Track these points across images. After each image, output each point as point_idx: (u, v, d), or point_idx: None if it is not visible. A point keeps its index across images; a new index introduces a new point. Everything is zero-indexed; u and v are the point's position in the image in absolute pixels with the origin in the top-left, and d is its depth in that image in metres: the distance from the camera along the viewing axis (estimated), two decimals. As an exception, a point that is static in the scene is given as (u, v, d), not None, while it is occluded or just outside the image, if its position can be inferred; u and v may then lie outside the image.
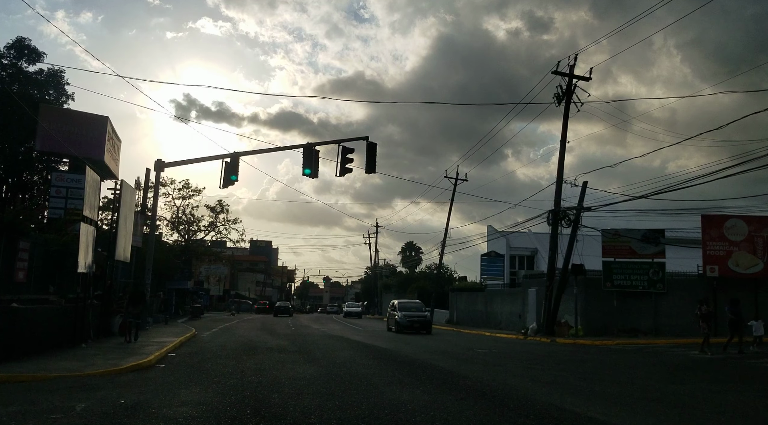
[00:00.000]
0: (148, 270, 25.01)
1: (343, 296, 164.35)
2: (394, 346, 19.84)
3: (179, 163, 25.48)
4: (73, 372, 11.40)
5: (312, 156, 21.39)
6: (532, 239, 47.39)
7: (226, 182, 23.50)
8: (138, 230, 24.33)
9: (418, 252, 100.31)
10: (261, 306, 75.45)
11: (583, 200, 26.28)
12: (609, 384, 11.27)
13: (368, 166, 21.11)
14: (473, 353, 17.95)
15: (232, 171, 23.22)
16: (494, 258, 41.26)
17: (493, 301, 36.72)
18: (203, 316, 48.78)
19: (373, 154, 20.97)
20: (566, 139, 26.81)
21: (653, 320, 25.44)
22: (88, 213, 16.06)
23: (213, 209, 51.51)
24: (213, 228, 51.82)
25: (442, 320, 43.28)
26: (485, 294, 38.17)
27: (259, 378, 11.01)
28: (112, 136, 26.53)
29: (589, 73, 26.55)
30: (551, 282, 26.21)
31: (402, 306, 30.24)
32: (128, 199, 20.22)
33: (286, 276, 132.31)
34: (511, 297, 34.40)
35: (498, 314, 35.64)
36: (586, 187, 26.27)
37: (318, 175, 21.62)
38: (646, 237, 25.80)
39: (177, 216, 49.50)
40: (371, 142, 21.10)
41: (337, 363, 14.11)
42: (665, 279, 25.38)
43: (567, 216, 26.12)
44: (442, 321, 42.56)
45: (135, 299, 18.83)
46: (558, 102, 27.14)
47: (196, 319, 43.82)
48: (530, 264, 46.79)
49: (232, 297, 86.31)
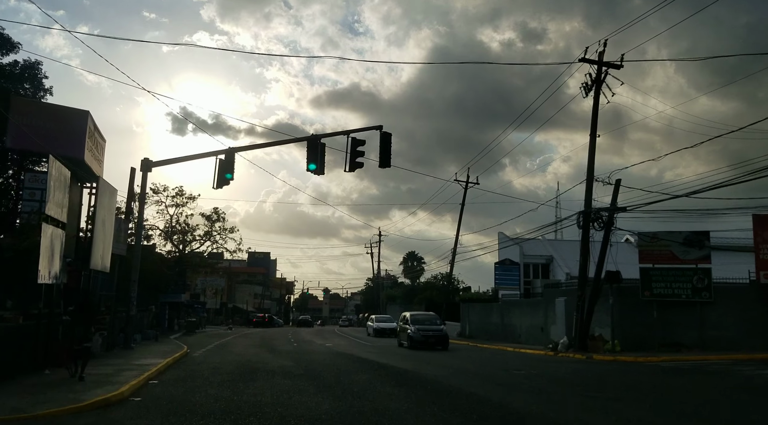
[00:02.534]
0: (134, 282, 22.37)
1: (342, 308, 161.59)
2: (415, 367, 17.16)
3: (168, 162, 22.92)
4: (20, 413, 8.74)
5: (317, 149, 18.84)
6: (546, 246, 44.83)
7: (221, 181, 20.95)
8: (122, 237, 21.69)
9: (420, 262, 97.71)
10: (259, 319, 72.50)
11: (616, 200, 23.72)
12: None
13: (382, 159, 18.55)
14: (511, 375, 15.27)
15: (227, 168, 20.67)
16: (509, 266, 38.61)
17: (510, 313, 34.03)
18: (199, 331, 45.99)
19: (387, 145, 18.44)
20: (596, 132, 24.30)
21: (698, 333, 22.78)
22: (53, 213, 13.44)
23: (209, 218, 48.86)
24: (208, 238, 49.16)
25: (453, 333, 40.43)
26: (501, 306, 35.48)
27: (260, 421, 8.36)
28: (94, 133, 23.88)
29: (620, 60, 24.10)
30: (583, 291, 23.58)
31: (415, 319, 27.54)
32: (107, 200, 17.63)
33: (285, 288, 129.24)
34: (531, 308, 31.73)
35: (516, 327, 32.94)
36: (619, 185, 23.72)
37: (324, 170, 19.07)
38: (689, 241, 23.20)
39: (170, 226, 46.81)
40: (385, 132, 18.58)
41: (354, 391, 11.46)
42: (711, 286, 22.76)
43: (600, 218, 23.53)
44: (453, 335, 39.69)
45: (81, 314, 12.90)
46: (586, 92, 24.67)
47: (190, 335, 41.06)
48: (545, 273, 44.13)
49: (229, 312, 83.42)
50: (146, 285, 39.04)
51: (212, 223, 48.81)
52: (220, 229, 49.16)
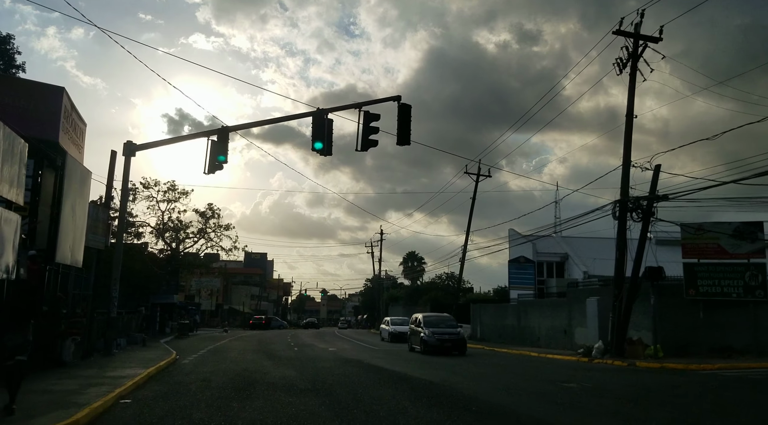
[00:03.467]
0: (115, 281, 19.75)
1: (340, 309, 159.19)
2: (441, 378, 14.60)
3: (153, 145, 20.32)
4: None
5: (324, 125, 16.27)
6: (561, 244, 42.34)
7: (213, 166, 18.39)
8: (100, 228, 19.07)
9: (421, 262, 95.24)
10: (256, 321, 69.72)
11: (656, 187, 21.21)
12: None
13: (401, 135, 15.99)
14: (564, 390, 12.70)
15: (220, 150, 18.12)
16: (524, 264, 36.05)
17: (528, 314, 31.49)
18: (192, 334, 43.34)
19: (407, 119, 15.89)
20: (633, 112, 21.81)
21: (752, 336, 20.28)
22: (3, 191, 10.84)
23: (203, 214, 46.18)
24: (202, 235, 46.44)
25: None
26: (518, 307, 32.93)
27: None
28: (72, 114, 21.20)
29: (659, 33, 21.60)
30: (621, 290, 21.05)
31: (428, 321, 24.96)
32: (77, 183, 15.02)
33: (282, 290, 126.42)
34: (552, 309, 29.19)
35: (535, 329, 30.41)
36: (659, 171, 21.23)
37: (331, 150, 16.47)
38: (739, 232, 20.69)
39: (162, 222, 44.13)
40: (404, 103, 16.02)
41: (381, 416, 8.91)
42: (767, 284, 20.27)
43: (639, 208, 21.02)
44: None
45: (14, 319, 8.55)
46: (620, 68, 22.19)
47: (183, 338, 38.41)
48: (560, 271, 41.64)
49: (225, 314, 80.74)
50: (135, 285, 36.44)
51: (206, 220, 46.18)
52: (215, 226, 46.52)
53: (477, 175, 36.81)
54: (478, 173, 36.78)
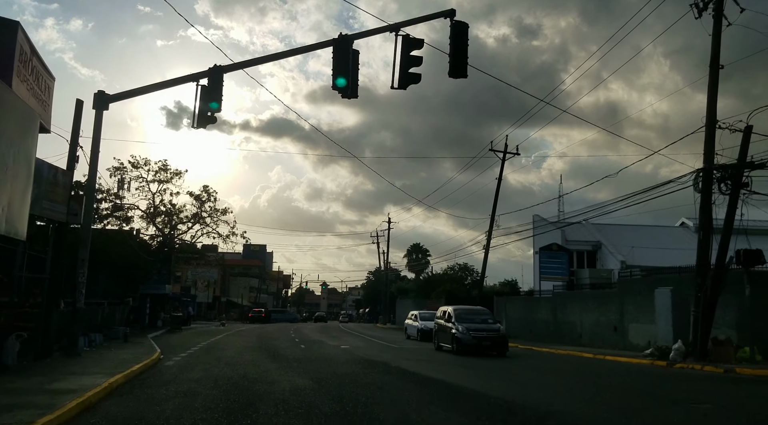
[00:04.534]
0: (82, 263, 15.86)
1: (341, 303, 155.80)
2: (502, 389, 10.76)
3: (131, 94, 16.36)
4: None
5: (348, 57, 12.33)
6: (592, 231, 38.44)
7: (203, 118, 14.54)
8: (59, 193, 15.16)
9: (426, 254, 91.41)
10: (256, 314, 65.95)
11: (746, 153, 17.31)
12: None
13: (454, 67, 12.02)
14: (695, 413, 8.84)
15: (211, 96, 14.24)
16: (557, 252, 32.15)
17: (566, 308, 27.66)
18: (186, 328, 39.53)
19: (463, 42, 11.96)
20: (719, 61, 17.90)
21: None
22: None
23: (198, 197, 42.14)
24: (197, 220, 42.46)
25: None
26: (553, 299, 29.08)
27: None
28: (32, 59, 17.17)
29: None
30: (705, 279, 17.15)
31: (461, 315, 21.08)
32: (13, 123, 11.07)
33: (282, 282, 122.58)
34: (598, 302, 25.35)
35: (575, 325, 26.58)
36: (750, 134, 17.31)
37: (357, 91, 12.53)
38: None
39: (153, 205, 40.17)
40: (459, 21, 12.10)
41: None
42: None
43: (729, 178, 17.10)
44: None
45: None
46: (698, 12, 18.27)
47: (175, 332, 34.67)
48: (591, 261, 37.75)
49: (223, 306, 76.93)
50: (120, 273, 32.58)
51: (201, 204, 42.18)
52: (211, 210, 42.56)
53: (504, 152, 32.89)
54: (504, 150, 32.87)
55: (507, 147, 32.85)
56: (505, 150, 32.86)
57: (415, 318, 30.26)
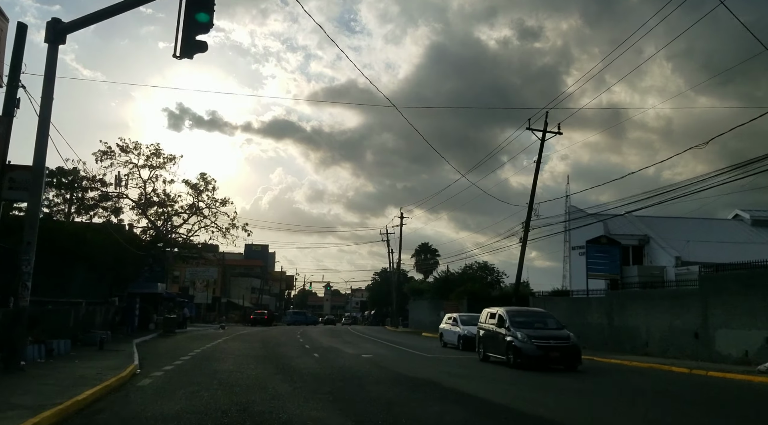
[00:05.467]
0: (27, 247, 11.74)
1: (344, 305, 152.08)
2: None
3: (92, 20, 12.19)
4: None
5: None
6: (637, 224, 34.21)
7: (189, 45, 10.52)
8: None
9: (435, 254, 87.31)
10: (258, 316, 61.72)
11: None
12: None
13: None
14: None
15: (200, 6, 10.07)
16: (606, 246, 27.83)
17: (624, 310, 23.47)
18: (181, 331, 35.47)
19: None
20: None
21: None
22: None
23: (194, 186, 37.95)
24: (194, 212, 38.26)
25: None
26: (608, 300, 24.85)
27: None
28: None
29: None
30: None
31: (517, 318, 16.82)
32: None
33: (285, 283, 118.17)
34: (671, 303, 21.15)
35: (639, 330, 22.40)
36: None
37: None
38: None
39: (145, 194, 36.01)
40: None
41: None
42: None
43: None
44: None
45: None
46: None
47: (168, 336, 30.65)
48: (636, 257, 33.48)
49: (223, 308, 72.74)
50: (103, 268, 28.40)
51: (198, 193, 37.99)
52: (209, 201, 38.37)
53: (543, 131, 28.72)
54: (544, 129, 28.69)
55: (547, 124, 28.68)
56: (545, 128, 28.70)
57: (454, 322, 25.47)
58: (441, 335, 26.17)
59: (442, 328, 26.13)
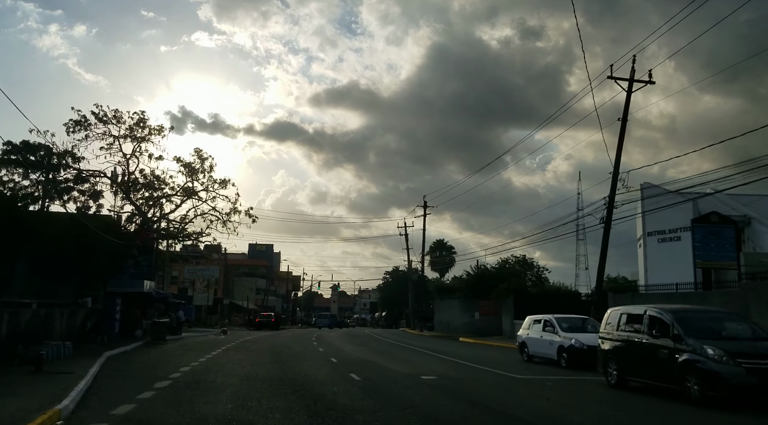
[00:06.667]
0: None
1: (352, 306, 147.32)
2: None
3: None
4: None
5: None
6: (730, 203, 27.82)
7: None
8: None
9: (451, 251, 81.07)
10: (264, 319, 55.32)
11: None
12: None
13: None
14: None
15: None
16: (718, 225, 21.46)
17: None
18: (174, 338, 29.40)
19: None
20: None
21: None
22: None
23: (188, 165, 31.70)
24: (189, 195, 31.99)
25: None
26: (743, 293, 18.53)
27: None
28: None
29: None
30: None
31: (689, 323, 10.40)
32: None
33: (291, 284, 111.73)
34: None
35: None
36: None
37: None
38: None
39: (128, 173, 29.77)
40: None
41: None
42: None
43: None
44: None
45: None
46: None
47: (157, 344, 24.66)
48: (735, 242, 27.14)
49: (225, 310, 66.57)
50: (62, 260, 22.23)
51: (193, 173, 31.70)
52: (207, 181, 32.08)
53: (630, 81, 22.45)
54: (631, 78, 22.42)
55: (634, 72, 22.45)
56: (631, 77, 22.50)
57: (549, 326, 17.83)
58: (523, 345, 19.59)
59: (526, 337, 19.43)
